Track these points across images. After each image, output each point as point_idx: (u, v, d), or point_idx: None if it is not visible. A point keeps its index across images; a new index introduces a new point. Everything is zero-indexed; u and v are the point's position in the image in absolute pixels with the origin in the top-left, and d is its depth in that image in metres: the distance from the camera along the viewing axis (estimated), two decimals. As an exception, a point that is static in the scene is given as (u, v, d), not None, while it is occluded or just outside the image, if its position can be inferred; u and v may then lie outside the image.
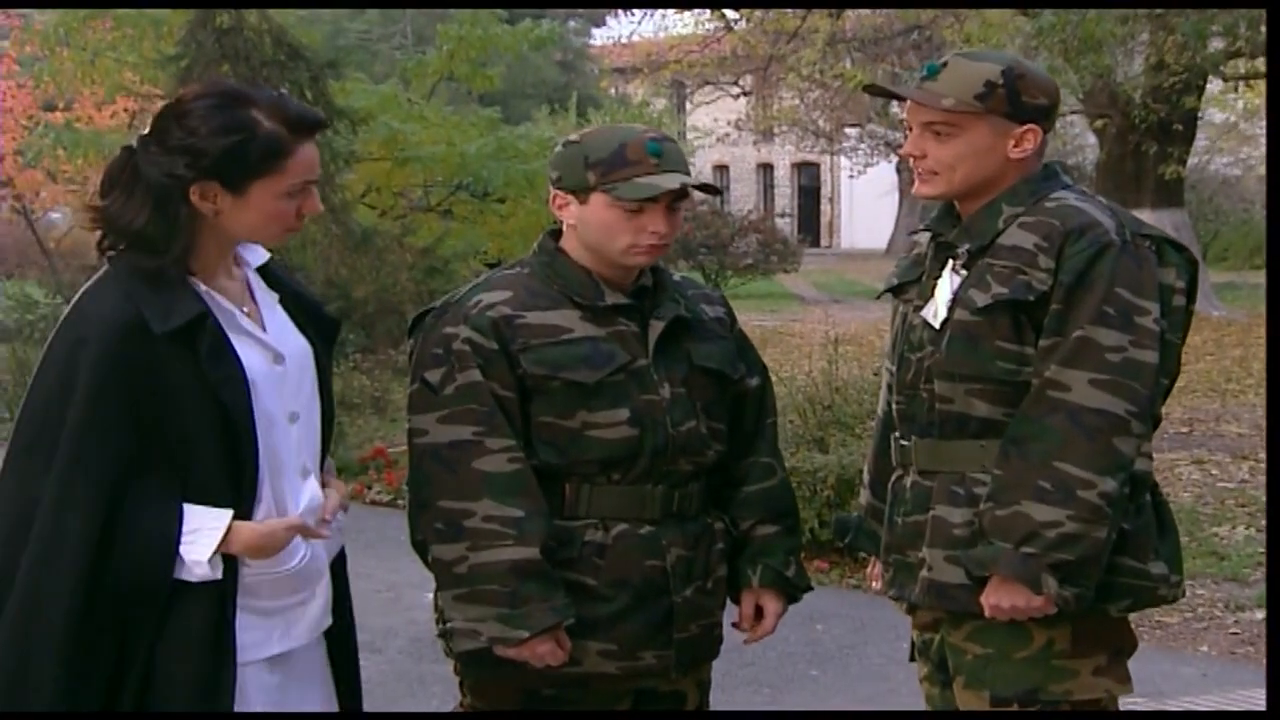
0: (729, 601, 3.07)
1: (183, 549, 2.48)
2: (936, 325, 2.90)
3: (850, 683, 5.53)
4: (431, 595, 2.94)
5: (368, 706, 2.91)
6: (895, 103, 28.62)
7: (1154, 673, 5.41)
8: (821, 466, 6.98)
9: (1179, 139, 17.56)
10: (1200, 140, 22.38)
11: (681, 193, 2.87)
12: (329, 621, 2.75)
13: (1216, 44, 14.22)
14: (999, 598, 2.79)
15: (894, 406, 3.02)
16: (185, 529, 2.48)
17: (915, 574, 2.94)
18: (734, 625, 3.08)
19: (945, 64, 2.91)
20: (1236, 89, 20.25)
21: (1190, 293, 2.91)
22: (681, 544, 2.93)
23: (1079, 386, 2.74)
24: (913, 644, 3.15)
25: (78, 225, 19.12)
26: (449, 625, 2.85)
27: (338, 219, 10.12)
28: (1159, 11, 12.31)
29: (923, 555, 2.91)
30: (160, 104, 2.81)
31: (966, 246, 2.90)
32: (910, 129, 2.94)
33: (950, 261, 2.92)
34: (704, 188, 2.95)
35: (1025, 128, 2.87)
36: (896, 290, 3.09)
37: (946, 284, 2.91)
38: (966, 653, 2.91)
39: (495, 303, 2.88)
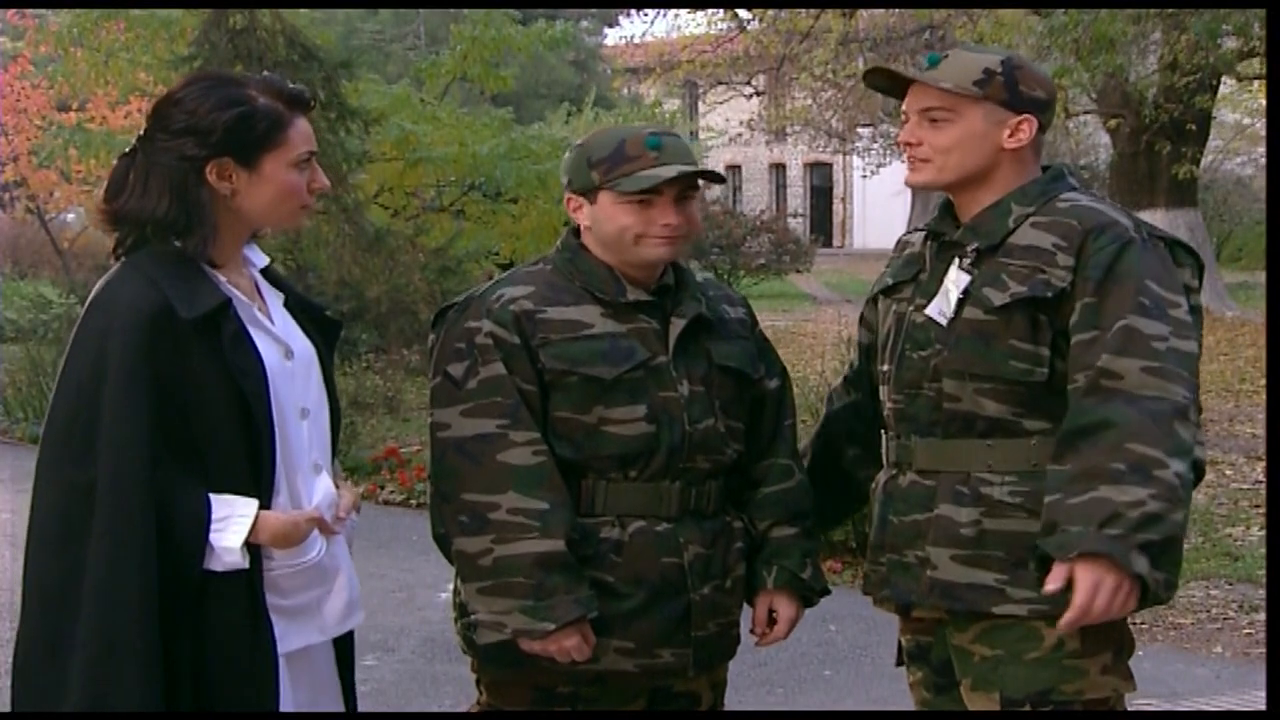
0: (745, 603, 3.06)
1: (213, 536, 2.49)
2: (944, 323, 2.89)
3: (864, 683, 5.53)
4: (446, 595, 2.95)
5: (380, 706, 2.92)
6: (908, 102, 28.49)
7: (1167, 673, 5.41)
8: (834, 467, 6.96)
9: (1192, 139, 17.51)
10: (1214, 140, 22.31)
11: (688, 184, 2.89)
12: (356, 620, 2.76)
13: (1230, 43, 14.17)
14: (1087, 582, 2.61)
15: (889, 406, 3.00)
16: (214, 516, 2.49)
17: (914, 573, 2.91)
18: (749, 631, 3.07)
19: (947, 55, 2.93)
20: (1250, 88, 20.17)
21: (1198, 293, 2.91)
22: (699, 541, 2.93)
23: (1133, 375, 2.70)
24: (900, 648, 3.10)
25: (92, 226, 19.18)
26: (473, 618, 2.85)
27: (350, 219, 10.13)
28: (1171, 11, 12.26)
29: (923, 554, 2.89)
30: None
31: (975, 245, 2.89)
32: (907, 119, 2.94)
33: (956, 260, 2.91)
34: (705, 174, 2.96)
35: (1021, 118, 2.88)
36: (889, 290, 3.07)
37: (953, 282, 2.90)
38: (974, 654, 2.88)
39: (517, 297, 2.90)
